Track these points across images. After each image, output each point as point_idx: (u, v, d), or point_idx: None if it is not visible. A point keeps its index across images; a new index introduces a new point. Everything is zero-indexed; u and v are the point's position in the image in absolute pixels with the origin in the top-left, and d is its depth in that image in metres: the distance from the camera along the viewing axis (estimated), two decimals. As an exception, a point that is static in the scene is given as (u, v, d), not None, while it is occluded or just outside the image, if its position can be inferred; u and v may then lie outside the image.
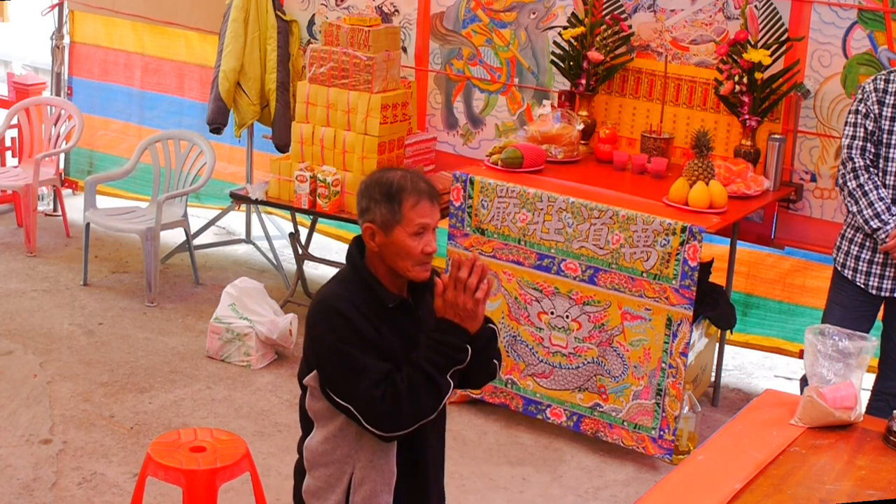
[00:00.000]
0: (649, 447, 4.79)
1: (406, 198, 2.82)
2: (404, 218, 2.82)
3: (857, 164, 4.39)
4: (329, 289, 2.93)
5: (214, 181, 6.82)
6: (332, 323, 2.84)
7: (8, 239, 7.12)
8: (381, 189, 2.85)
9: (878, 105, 4.35)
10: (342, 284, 2.92)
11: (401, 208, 2.82)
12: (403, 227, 2.82)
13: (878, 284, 4.45)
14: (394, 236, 2.83)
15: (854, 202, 4.40)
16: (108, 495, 4.42)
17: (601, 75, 5.55)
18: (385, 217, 2.83)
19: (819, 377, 3.21)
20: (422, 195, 2.84)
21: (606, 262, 4.75)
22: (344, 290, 2.89)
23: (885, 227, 4.33)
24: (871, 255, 4.44)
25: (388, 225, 2.83)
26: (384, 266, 2.89)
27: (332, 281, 2.97)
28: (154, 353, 5.66)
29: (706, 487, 2.87)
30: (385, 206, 2.83)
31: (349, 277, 2.92)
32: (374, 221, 2.84)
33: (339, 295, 2.87)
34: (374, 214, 2.84)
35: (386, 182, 2.85)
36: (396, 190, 2.83)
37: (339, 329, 2.82)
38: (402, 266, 2.85)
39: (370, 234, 2.86)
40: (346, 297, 2.86)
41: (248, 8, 6.38)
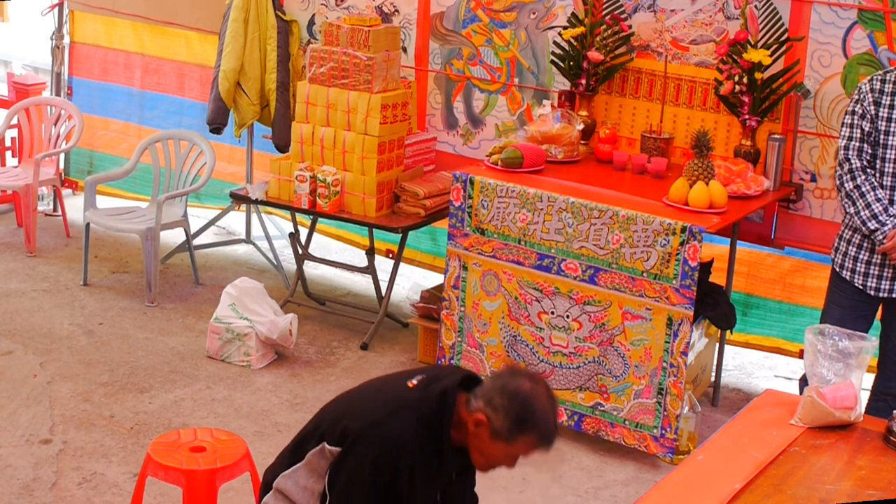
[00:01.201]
0: (651, 446, 4.79)
1: (532, 435, 2.83)
2: (516, 446, 2.84)
3: (854, 165, 4.39)
4: (403, 422, 2.89)
5: (214, 181, 6.82)
6: (380, 458, 2.85)
7: (8, 239, 7.12)
8: (519, 410, 2.82)
9: (874, 105, 4.35)
10: (420, 426, 2.88)
11: (519, 438, 2.83)
12: (508, 448, 2.85)
13: (877, 285, 4.45)
14: (495, 444, 2.85)
15: (851, 203, 4.40)
16: (108, 495, 4.42)
17: (601, 75, 5.55)
18: (500, 429, 2.82)
19: (819, 377, 3.21)
20: (544, 442, 2.85)
21: (607, 262, 4.75)
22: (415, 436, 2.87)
23: (882, 227, 4.33)
24: (869, 255, 4.44)
25: (498, 434, 2.83)
26: (461, 438, 2.90)
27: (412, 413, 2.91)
28: (154, 353, 5.66)
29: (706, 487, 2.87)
30: (509, 423, 2.82)
31: (430, 422, 2.89)
32: (491, 422, 2.83)
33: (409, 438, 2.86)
34: (495, 417, 2.83)
35: (528, 407, 2.83)
36: (531, 424, 2.83)
37: (380, 470, 2.84)
38: (476, 459, 2.90)
39: (477, 423, 2.85)
40: (411, 451, 2.85)
41: (248, 8, 6.38)
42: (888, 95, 4.33)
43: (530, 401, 2.84)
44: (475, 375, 3.02)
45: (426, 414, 2.91)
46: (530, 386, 2.87)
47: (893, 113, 4.33)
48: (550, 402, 2.88)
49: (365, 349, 5.83)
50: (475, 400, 2.88)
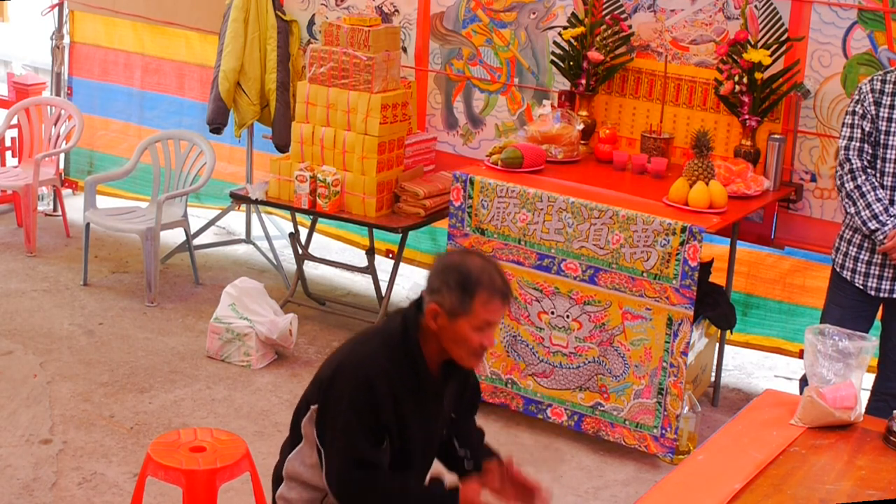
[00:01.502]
0: (651, 446, 4.79)
1: (480, 293, 2.81)
2: (473, 312, 2.81)
3: (855, 166, 4.39)
4: (372, 348, 2.90)
5: (214, 181, 6.82)
6: (357, 392, 2.84)
7: (8, 239, 7.12)
8: (457, 277, 2.83)
9: (874, 106, 4.35)
10: (387, 350, 2.89)
11: (472, 302, 2.81)
12: (469, 319, 2.82)
13: (877, 285, 4.45)
14: (457, 325, 2.82)
15: (852, 203, 4.40)
16: (108, 495, 4.42)
17: (601, 75, 5.55)
18: (454, 305, 2.82)
19: (819, 377, 3.21)
20: (495, 294, 2.83)
21: (607, 262, 4.75)
22: (386, 358, 2.87)
23: (883, 228, 4.33)
24: (870, 255, 4.44)
25: (454, 313, 2.82)
26: (437, 347, 2.88)
27: (378, 337, 2.94)
28: (154, 353, 5.66)
29: (706, 487, 2.87)
30: (457, 295, 2.81)
31: (397, 345, 2.89)
32: (442, 305, 2.83)
33: (380, 365, 2.86)
34: (443, 298, 2.83)
35: (465, 271, 2.83)
36: (473, 283, 2.81)
37: (360, 402, 2.83)
38: (457, 353, 2.86)
39: (433, 314, 2.84)
40: (385, 370, 2.85)
41: (248, 8, 6.38)
42: (889, 96, 4.33)
43: (465, 265, 2.85)
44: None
45: (392, 337, 2.92)
46: (460, 256, 2.91)
47: (894, 113, 4.33)
48: (486, 262, 2.90)
49: (365, 349, 5.82)
50: (424, 301, 2.88)
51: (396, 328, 2.92)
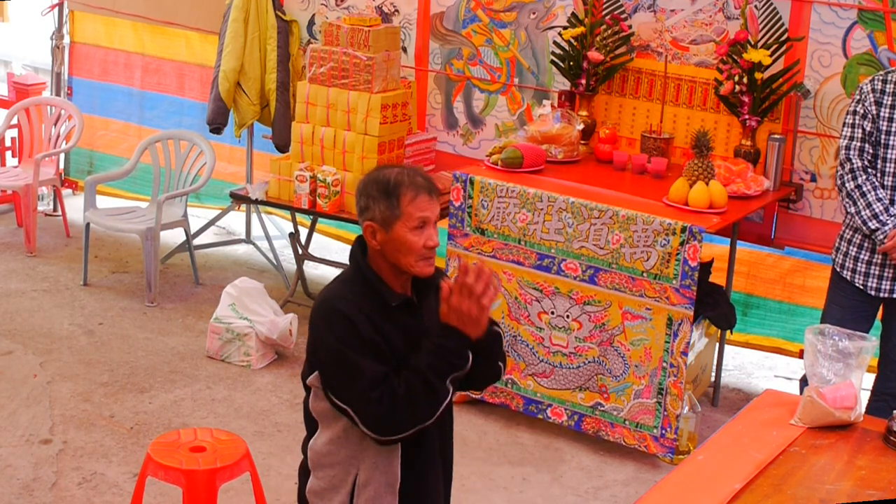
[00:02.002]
0: (651, 446, 4.79)
1: (404, 192, 2.81)
2: (403, 213, 2.81)
3: (855, 165, 4.39)
4: (332, 289, 2.92)
5: (214, 181, 6.82)
6: (332, 324, 2.83)
7: (8, 239, 7.12)
8: (378, 186, 2.84)
9: (875, 105, 4.35)
10: (345, 284, 2.91)
11: (399, 203, 2.80)
12: (403, 222, 2.81)
13: (877, 285, 4.45)
14: (394, 232, 2.81)
15: (852, 203, 4.40)
16: (108, 495, 4.42)
17: (601, 75, 5.55)
18: (384, 213, 2.82)
19: (819, 377, 3.21)
20: (419, 189, 2.82)
21: (607, 262, 4.75)
22: (347, 290, 2.88)
23: (883, 227, 4.34)
24: (870, 255, 4.44)
25: (387, 221, 2.82)
26: (387, 264, 2.87)
27: (335, 281, 2.96)
28: (154, 353, 5.66)
29: (706, 487, 2.87)
30: (383, 202, 2.82)
31: (352, 277, 2.92)
32: (374, 219, 2.83)
33: (342, 295, 2.87)
34: (373, 212, 2.83)
35: (383, 179, 2.85)
36: (394, 186, 2.82)
37: (340, 330, 2.82)
38: (406, 262, 2.84)
39: (371, 232, 2.85)
40: (349, 298, 2.85)
41: (248, 8, 6.38)
42: (890, 95, 4.34)
43: (382, 174, 2.86)
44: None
45: (345, 274, 2.95)
46: (376, 170, 2.91)
47: (895, 113, 4.33)
48: (402, 167, 2.91)
49: (365, 349, 5.82)
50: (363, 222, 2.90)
51: (350, 265, 2.95)
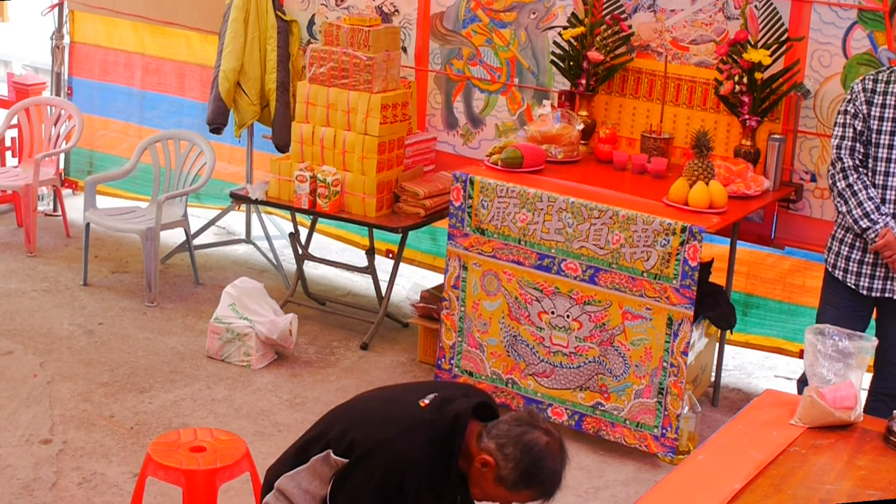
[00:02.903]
0: (651, 446, 4.79)
1: (535, 488, 2.84)
2: (518, 496, 2.86)
3: (847, 164, 4.40)
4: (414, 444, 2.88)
5: (214, 181, 6.82)
6: (385, 482, 2.85)
7: (8, 239, 7.12)
8: (529, 462, 2.82)
9: (866, 105, 4.36)
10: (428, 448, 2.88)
11: (523, 490, 2.84)
12: (509, 495, 2.86)
13: (869, 285, 4.44)
14: (496, 488, 2.86)
15: (843, 202, 4.41)
16: (108, 495, 4.42)
17: (601, 75, 5.55)
18: (507, 478, 2.83)
19: (819, 377, 3.21)
20: (545, 497, 2.86)
21: (607, 262, 4.75)
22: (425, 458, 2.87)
23: (874, 226, 4.34)
24: (862, 255, 4.44)
25: (503, 481, 2.84)
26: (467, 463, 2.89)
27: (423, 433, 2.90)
28: (154, 353, 5.66)
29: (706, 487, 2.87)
30: (516, 475, 2.82)
31: (439, 444, 2.88)
32: (499, 468, 2.82)
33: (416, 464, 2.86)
34: (504, 465, 2.82)
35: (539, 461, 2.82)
36: (536, 479, 2.83)
37: (384, 490, 2.85)
38: (475, 493, 2.90)
39: (484, 464, 2.85)
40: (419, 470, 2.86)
41: (248, 8, 6.38)
42: (880, 95, 4.35)
43: (542, 458, 2.83)
44: (489, 402, 3.00)
45: (436, 437, 2.89)
46: (545, 442, 2.85)
47: (885, 112, 4.34)
48: (562, 461, 2.88)
49: (365, 349, 5.83)
50: (487, 439, 2.86)
51: (445, 432, 2.90)
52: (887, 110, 4.34)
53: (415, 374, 5.55)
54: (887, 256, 4.36)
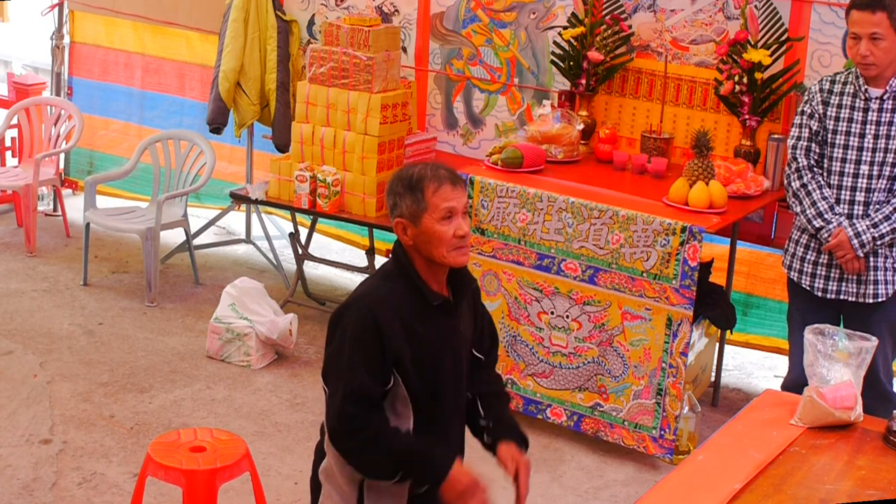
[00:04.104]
0: (650, 447, 4.79)
1: (427, 185, 2.88)
2: (429, 205, 2.87)
3: (801, 164, 4.41)
4: (372, 287, 2.95)
5: (214, 181, 6.82)
6: (359, 327, 2.86)
7: (8, 239, 7.12)
8: (402, 182, 2.91)
9: (822, 105, 4.38)
10: (386, 280, 2.95)
11: (424, 196, 2.87)
12: (430, 214, 2.87)
13: (823, 286, 4.43)
14: (423, 225, 2.87)
15: (798, 202, 4.42)
16: (108, 495, 4.42)
17: (601, 75, 5.55)
18: (411, 208, 2.88)
19: (819, 377, 3.21)
20: (442, 180, 2.89)
21: (606, 262, 4.75)
22: (387, 288, 2.92)
23: (827, 226, 4.34)
24: (816, 255, 4.44)
25: (415, 215, 2.88)
26: (422, 260, 2.92)
27: (376, 278, 3.00)
28: (154, 353, 5.66)
29: (706, 487, 2.87)
30: (409, 197, 2.88)
31: (394, 274, 2.96)
32: (403, 215, 2.90)
33: (381, 298, 2.89)
34: (401, 209, 2.90)
35: (406, 175, 2.92)
36: (417, 180, 2.89)
37: (364, 336, 2.85)
38: (438, 254, 2.89)
39: (402, 228, 2.91)
40: (388, 300, 2.89)
41: (248, 8, 6.38)
42: (837, 95, 4.37)
43: (405, 172, 2.93)
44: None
45: (385, 270, 2.99)
46: (400, 169, 2.98)
47: (841, 113, 4.35)
48: (425, 163, 2.98)
49: (365, 349, 5.82)
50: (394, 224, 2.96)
51: (388, 262, 3.00)
52: (843, 111, 4.35)
53: (415, 374, 5.55)
54: (840, 257, 4.34)
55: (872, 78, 4.29)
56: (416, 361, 2.89)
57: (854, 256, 4.31)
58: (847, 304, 4.43)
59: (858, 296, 4.39)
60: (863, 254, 4.31)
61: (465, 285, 3.01)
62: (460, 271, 2.99)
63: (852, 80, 4.36)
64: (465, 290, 3.02)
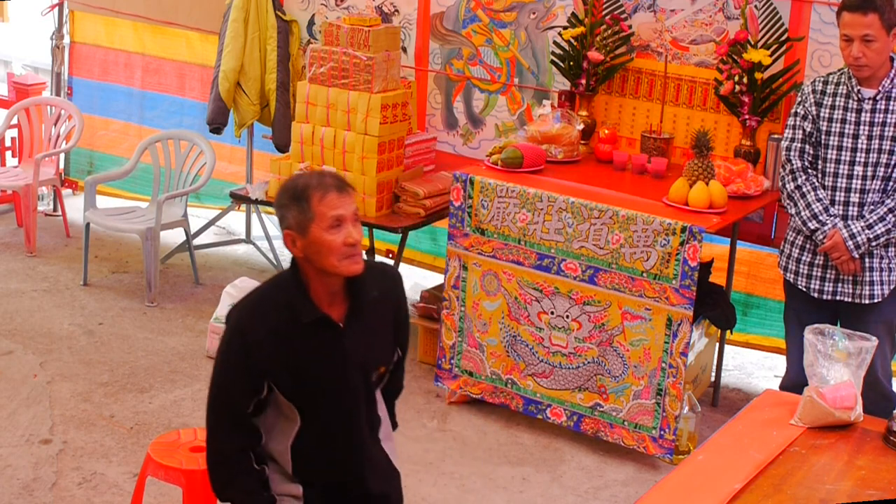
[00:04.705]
0: (650, 447, 4.79)
1: (312, 194, 2.83)
2: (315, 214, 2.82)
3: (796, 166, 4.41)
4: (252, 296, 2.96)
5: (214, 181, 6.82)
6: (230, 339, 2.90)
7: (8, 239, 7.12)
8: (287, 193, 2.87)
9: (815, 107, 4.38)
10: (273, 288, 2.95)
11: (309, 205, 2.82)
12: (317, 223, 2.82)
13: (820, 287, 4.43)
14: (311, 235, 2.82)
15: (793, 204, 4.42)
16: (108, 495, 4.42)
17: (601, 75, 5.55)
18: (298, 218, 2.83)
19: (819, 377, 3.21)
20: (328, 188, 2.84)
21: (606, 262, 4.75)
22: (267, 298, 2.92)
23: (822, 227, 4.34)
24: (811, 257, 4.44)
25: (302, 226, 2.83)
26: (314, 270, 2.87)
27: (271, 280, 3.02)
28: (154, 353, 5.66)
29: (706, 487, 2.87)
30: (295, 207, 2.84)
31: (282, 283, 2.95)
32: (291, 227, 2.85)
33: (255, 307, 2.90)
34: (288, 220, 2.85)
35: (291, 186, 2.88)
36: (302, 189, 2.84)
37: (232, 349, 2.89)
38: (330, 264, 2.84)
39: (291, 240, 2.86)
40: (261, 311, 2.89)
41: (248, 8, 6.38)
42: (830, 96, 4.37)
43: (291, 182, 2.91)
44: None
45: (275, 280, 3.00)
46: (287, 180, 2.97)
47: (834, 114, 4.35)
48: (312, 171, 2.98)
49: (365, 349, 5.82)
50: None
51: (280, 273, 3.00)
52: (836, 112, 4.35)
53: (415, 374, 5.55)
54: (835, 258, 4.34)
55: (865, 79, 4.30)
56: (292, 373, 2.88)
57: (849, 258, 4.31)
58: (843, 304, 4.43)
59: (854, 296, 4.39)
60: (858, 255, 4.31)
61: (363, 295, 2.94)
62: (358, 281, 2.92)
63: (845, 81, 4.36)
64: (363, 303, 2.95)
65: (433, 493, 4.55)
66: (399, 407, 3.33)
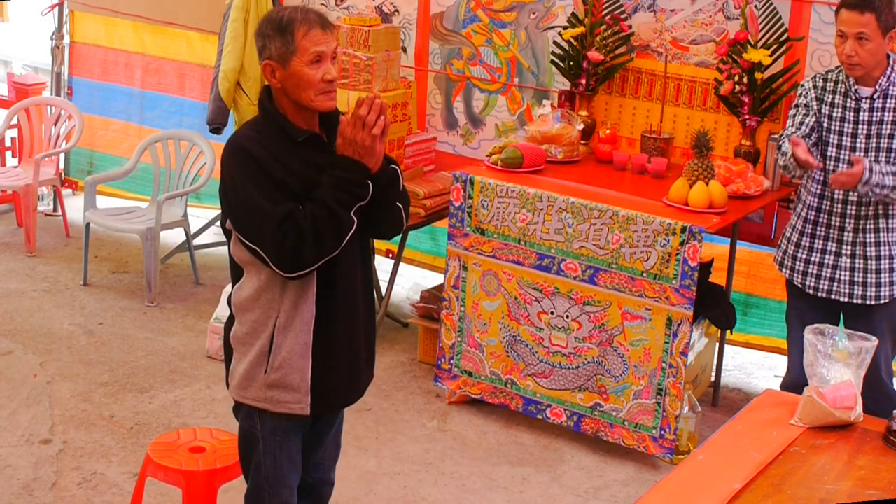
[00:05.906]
0: (650, 447, 4.79)
1: (297, 28, 2.89)
2: (298, 48, 2.89)
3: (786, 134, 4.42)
4: (239, 132, 3.02)
5: (214, 181, 6.81)
6: (240, 163, 2.93)
7: (8, 239, 7.12)
8: (272, 24, 2.93)
9: (817, 102, 4.39)
10: (253, 126, 3.01)
11: (293, 39, 2.89)
12: (299, 57, 2.89)
13: (815, 284, 4.43)
14: (292, 68, 2.90)
15: (782, 155, 4.41)
16: (108, 495, 4.42)
17: (601, 75, 5.55)
18: (280, 50, 2.90)
19: (819, 377, 3.21)
20: (312, 24, 2.90)
21: (606, 262, 4.75)
22: (253, 130, 2.98)
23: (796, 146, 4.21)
24: (807, 254, 4.44)
25: (284, 58, 2.90)
26: (290, 102, 2.96)
27: (245, 125, 3.06)
28: (154, 353, 5.66)
29: (706, 487, 2.87)
30: (279, 39, 2.90)
31: (260, 119, 3.02)
32: (272, 57, 2.92)
33: (248, 136, 2.96)
34: (270, 51, 2.92)
35: (276, 17, 2.94)
36: (287, 22, 2.91)
37: (246, 168, 2.92)
38: (306, 97, 2.93)
39: (270, 71, 2.93)
40: (255, 138, 2.95)
41: (248, 8, 6.38)
42: (829, 94, 4.38)
43: (275, 14, 2.96)
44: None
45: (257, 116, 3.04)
46: (271, 11, 3.00)
47: (834, 112, 4.36)
48: (296, 6, 2.99)
49: (365, 349, 5.82)
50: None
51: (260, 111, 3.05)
52: (836, 110, 4.36)
53: (415, 374, 5.55)
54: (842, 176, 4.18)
55: (860, 78, 4.30)
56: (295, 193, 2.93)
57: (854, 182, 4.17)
58: (849, 304, 4.43)
59: (858, 297, 4.39)
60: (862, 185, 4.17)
61: (336, 124, 3.03)
62: (330, 115, 3.03)
63: (843, 80, 4.36)
64: (335, 126, 3.04)
65: (433, 493, 4.56)
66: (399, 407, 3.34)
